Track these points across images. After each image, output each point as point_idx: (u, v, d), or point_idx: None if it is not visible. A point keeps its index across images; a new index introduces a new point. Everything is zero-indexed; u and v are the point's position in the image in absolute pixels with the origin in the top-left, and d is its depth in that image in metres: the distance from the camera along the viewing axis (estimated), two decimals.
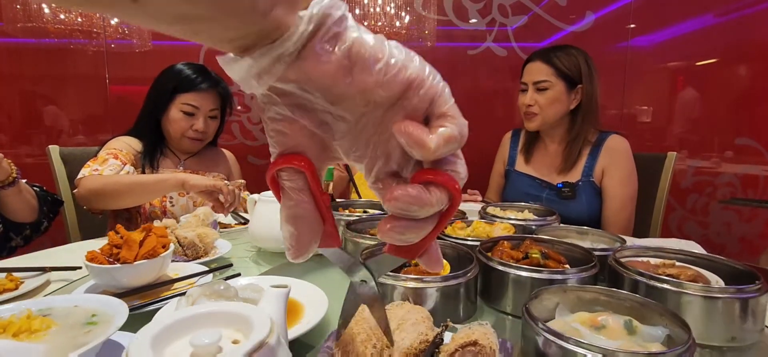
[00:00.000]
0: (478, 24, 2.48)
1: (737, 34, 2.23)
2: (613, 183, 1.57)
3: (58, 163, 1.67)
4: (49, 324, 0.57)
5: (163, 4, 0.23)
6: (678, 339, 0.56)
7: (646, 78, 2.45)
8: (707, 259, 0.81)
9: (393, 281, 0.70)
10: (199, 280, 0.86)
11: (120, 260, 0.78)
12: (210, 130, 1.62)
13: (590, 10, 2.42)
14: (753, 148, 2.22)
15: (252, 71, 0.27)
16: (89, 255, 0.79)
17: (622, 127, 2.45)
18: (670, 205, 2.38)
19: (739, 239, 2.29)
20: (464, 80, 2.57)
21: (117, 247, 0.80)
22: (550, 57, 1.58)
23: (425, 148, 0.28)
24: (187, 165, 1.67)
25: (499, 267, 0.77)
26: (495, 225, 1.06)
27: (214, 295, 0.60)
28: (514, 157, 1.81)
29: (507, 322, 0.76)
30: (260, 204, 1.10)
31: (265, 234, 1.07)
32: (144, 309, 0.72)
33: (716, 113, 2.32)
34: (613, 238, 1.00)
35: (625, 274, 0.74)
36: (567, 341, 0.52)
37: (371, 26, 2.30)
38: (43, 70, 2.38)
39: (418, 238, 0.30)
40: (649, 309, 0.61)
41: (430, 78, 0.29)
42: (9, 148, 2.34)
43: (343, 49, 0.27)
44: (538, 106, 1.59)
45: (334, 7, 0.26)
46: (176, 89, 1.54)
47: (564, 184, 1.61)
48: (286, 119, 0.29)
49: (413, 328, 0.53)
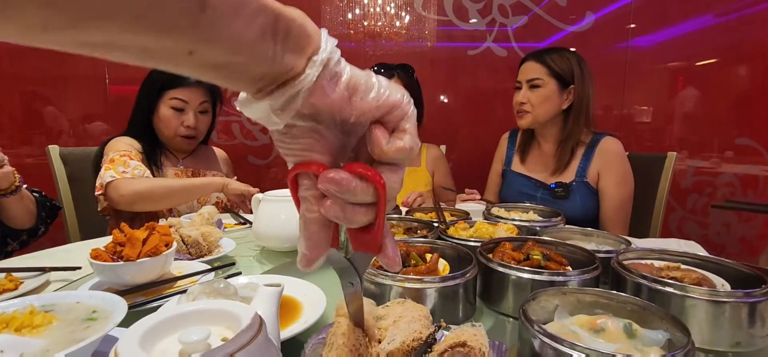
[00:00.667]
0: (478, 24, 2.48)
1: (737, 34, 2.23)
2: (609, 184, 1.59)
3: (58, 163, 1.67)
4: (51, 319, 0.58)
5: (213, 55, 0.29)
6: (678, 343, 0.55)
7: (646, 78, 2.45)
8: (712, 261, 0.79)
9: (391, 281, 0.70)
10: (201, 278, 0.86)
11: (123, 258, 0.79)
12: (201, 125, 1.61)
13: (590, 10, 2.43)
14: (753, 149, 2.22)
15: (274, 108, 0.33)
16: (94, 252, 0.80)
17: (622, 127, 2.45)
18: (670, 205, 2.38)
19: (738, 239, 2.29)
20: (464, 80, 2.57)
21: (121, 244, 0.81)
22: (543, 57, 1.62)
23: (379, 147, 0.35)
24: (185, 164, 1.66)
25: (499, 268, 0.76)
26: (498, 226, 1.06)
27: (213, 293, 0.61)
28: (510, 157, 1.84)
29: (507, 323, 0.76)
30: (264, 203, 1.10)
31: (269, 233, 1.08)
32: (145, 306, 0.72)
33: (716, 113, 2.32)
34: (619, 240, 0.98)
35: (627, 276, 0.73)
36: (562, 344, 0.51)
37: (371, 26, 2.30)
38: (43, 70, 2.38)
39: (349, 221, 0.36)
40: (650, 312, 0.60)
41: (405, 101, 0.36)
42: (9, 148, 2.34)
43: (343, 83, 0.34)
44: (530, 103, 1.63)
45: (334, 52, 0.33)
46: (164, 86, 1.52)
47: (557, 185, 1.64)
48: (299, 140, 0.35)
49: (408, 325, 0.53)
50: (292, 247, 1.09)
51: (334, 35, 0.34)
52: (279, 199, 1.09)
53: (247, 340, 0.38)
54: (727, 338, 0.63)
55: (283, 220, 1.06)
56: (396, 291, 0.70)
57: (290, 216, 1.06)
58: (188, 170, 1.64)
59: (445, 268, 0.81)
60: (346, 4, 2.27)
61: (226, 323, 0.45)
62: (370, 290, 0.72)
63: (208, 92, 1.60)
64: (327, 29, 0.34)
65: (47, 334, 0.55)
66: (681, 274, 0.74)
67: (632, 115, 2.49)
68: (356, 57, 2.50)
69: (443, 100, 2.63)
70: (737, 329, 0.63)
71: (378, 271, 0.72)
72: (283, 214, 1.07)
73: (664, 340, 0.56)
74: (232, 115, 2.54)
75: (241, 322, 0.42)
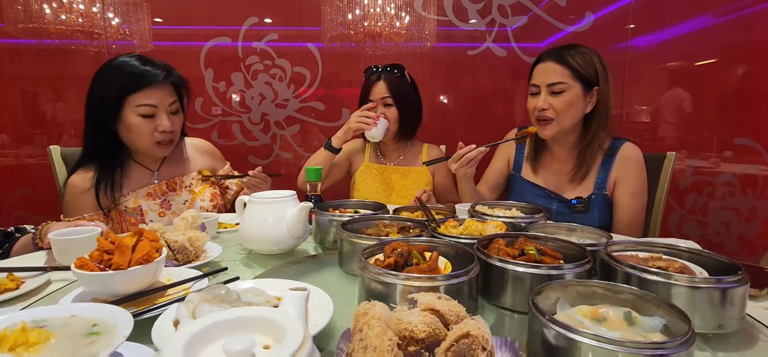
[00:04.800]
0: (478, 24, 2.49)
1: (736, 34, 2.23)
2: (624, 195, 1.50)
3: (59, 164, 1.68)
4: (47, 336, 0.53)
5: None
6: (675, 328, 0.58)
7: (646, 78, 2.46)
8: (693, 252, 0.85)
9: (394, 280, 0.71)
10: (194, 285, 0.83)
11: (112, 266, 0.73)
12: (176, 126, 1.44)
13: (590, 10, 2.43)
14: (752, 148, 2.22)
15: None
16: (79, 262, 0.74)
17: (621, 127, 2.46)
18: (670, 205, 2.39)
19: (738, 239, 2.30)
20: (464, 80, 2.58)
21: (108, 253, 0.75)
22: (564, 57, 1.45)
23: None
24: (160, 175, 1.52)
25: (499, 264, 0.78)
26: (487, 223, 1.07)
27: (216, 300, 0.59)
28: (519, 161, 1.69)
29: (506, 317, 0.77)
30: (251, 205, 1.06)
31: (256, 236, 1.04)
32: (143, 316, 0.68)
33: (715, 113, 2.32)
34: (601, 234, 1.02)
35: (617, 267, 0.77)
36: (577, 333, 0.54)
37: (371, 26, 2.30)
38: (45, 70, 2.38)
39: None
40: (646, 300, 0.63)
41: None
42: (10, 148, 2.35)
43: None
44: (554, 110, 1.45)
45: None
46: (123, 91, 1.33)
47: (578, 200, 1.50)
48: None
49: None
50: (280, 249, 1.07)
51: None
52: (266, 201, 1.06)
53: (298, 348, 0.38)
54: (710, 321, 0.68)
55: (271, 222, 1.03)
56: (403, 290, 0.70)
57: (278, 218, 1.03)
58: (162, 183, 1.50)
59: (446, 266, 0.82)
60: (346, 4, 2.27)
61: (265, 330, 0.44)
62: (377, 290, 0.73)
63: (175, 90, 1.44)
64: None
65: (46, 353, 0.51)
66: (665, 264, 0.78)
67: (631, 114, 2.50)
68: (356, 57, 2.50)
69: (443, 101, 2.64)
70: (717, 313, 0.67)
71: (384, 270, 0.73)
72: (270, 216, 1.03)
73: (661, 326, 0.60)
74: (232, 115, 2.55)
75: (282, 329, 0.42)
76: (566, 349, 0.55)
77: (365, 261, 0.77)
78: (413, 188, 1.86)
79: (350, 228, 1.02)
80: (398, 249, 0.81)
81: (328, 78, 2.56)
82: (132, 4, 2.35)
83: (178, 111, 1.46)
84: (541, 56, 1.52)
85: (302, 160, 2.55)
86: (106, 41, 2.34)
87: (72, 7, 2.16)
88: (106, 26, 2.31)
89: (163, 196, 1.50)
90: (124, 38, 2.38)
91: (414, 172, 1.91)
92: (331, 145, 1.80)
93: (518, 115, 2.58)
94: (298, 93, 2.56)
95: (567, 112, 1.45)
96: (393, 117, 1.81)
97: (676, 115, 2.42)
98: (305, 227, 1.07)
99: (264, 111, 2.56)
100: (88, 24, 2.23)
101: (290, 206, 1.06)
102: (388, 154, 1.97)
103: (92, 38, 2.31)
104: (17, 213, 2.39)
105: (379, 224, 1.09)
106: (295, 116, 2.58)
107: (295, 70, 2.53)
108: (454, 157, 1.47)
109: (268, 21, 2.50)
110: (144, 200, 1.47)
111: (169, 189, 1.52)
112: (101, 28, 2.30)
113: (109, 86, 1.35)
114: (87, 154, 1.43)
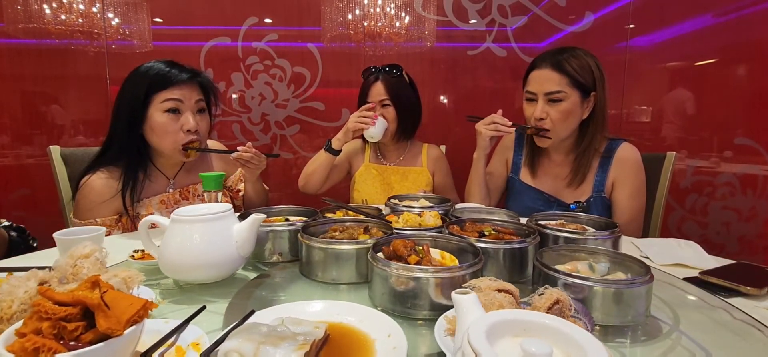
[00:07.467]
0: (478, 24, 2.49)
1: (736, 34, 2.23)
2: (622, 196, 1.50)
3: (59, 164, 1.68)
4: None
5: None
6: (633, 271, 0.79)
7: (646, 78, 2.46)
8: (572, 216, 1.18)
9: (426, 274, 0.74)
10: (178, 337, 0.62)
11: (86, 336, 0.49)
12: (202, 127, 1.41)
13: (590, 10, 2.43)
14: (752, 148, 2.22)
15: None
16: (16, 346, 0.46)
17: (621, 128, 2.46)
18: (670, 205, 2.39)
19: (738, 239, 2.30)
20: (464, 80, 2.58)
21: (65, 319, 0.49)
22: (560, 63, 1.43)
23: None
24: (176, 183, 1.49)
25: (485, 245, 0.91)
26: (424, 215, 1.16)
27: (274, 338, 0.54)
28: (517, 163, 1.68)
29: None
30: (174, 224, 0.85)
31: (181, 261, 0.83)
32: None
33: (715, 113, 2.32)
34: (510, 213, 1.24)
35: (548, 233, 1.03)
36: (584, 279, 0.72)
37: (371, 26, 2.31)
38: (44, 70, 2.38)
39: None
40: (598, 254, 0.85)
41: None
42: (10, 148, 2.35)
43: None
44: (551, 120, 1.45)
45: None
46: (151, 89, 1.34)
47: (577, 204, 1.50)
48: None
49: None
50: (226, 273, 0.89)
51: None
52: (191, 218, 0.84)
53: None
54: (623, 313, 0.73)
55: (198, 242, 0.83)
56: (432, 282, 0.73)
57: (209, 237, 0.84)
58: (176, 192, 1.47)
59: (452, 259, 0.87)
60: (346, 4, 2.27)
61: (564, 346, 0.44)
62: (408, 286, 0.74)
63: (201, 89, 1.43)
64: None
65: None
66: (574, 226, 1.09)
67: (631, 115, 2.50)
68: (356, 57, 2.50)
69: (443, 101, 2.64)
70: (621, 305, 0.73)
71: (415, 265, 0.75)
72: (197, 234, 0.83)
73: (606, 269, 0.82)
74: (232, 115, 2.55)
75: (582, 349, 0.42)
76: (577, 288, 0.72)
77: (383, 260, 0.77)
78: (413, 188, 1.86)
79: (311, 232, 0.96)
80: (411, 245, 0.82)
81: (328, 78, 2.56)
82: (132, 4, 2.35)
83: (204, 110, 1.44)
84: (537, 62, 1.49)
85: (302, 160, 2.55)
86: (105, 41, 2.34)
87: (72, 7, 2.16)
88: (106, 26, 2.31)
89: (176, 204, 1.46)
90: (124, 38, 2.38)
91: (414, 172, 1.91)
92: (332, 147, 1.80)
93: (518, 116, 2.57)
94: (298, 93, 2.56)
95: (564, 122, 1.45)
96: (391, 117, 1.81)
97: (676, 115, 2.42)
98: (253, 243, 0.91)
99: (264, 111, 2.56)
100: (88, 24, 2.23)
101: (233, 220, 0.90)
102: (388, 155, 1.97)
103: (92, 38, 2.31)
104: (17, 213, 2.39)
105: (338, 227, 1.03)
106: (295, 116, 2.58)
107: (295, 70, 2.53)
108: (485, 120, 1.55)
109: (268, 21, 2.50)
110: (157, 208, 1.43)
111: (182, 197, 1.49)
112: (101, 28, 2.30)
113: (138, 87, 1.35)
114: (111, 156, 1.39)
